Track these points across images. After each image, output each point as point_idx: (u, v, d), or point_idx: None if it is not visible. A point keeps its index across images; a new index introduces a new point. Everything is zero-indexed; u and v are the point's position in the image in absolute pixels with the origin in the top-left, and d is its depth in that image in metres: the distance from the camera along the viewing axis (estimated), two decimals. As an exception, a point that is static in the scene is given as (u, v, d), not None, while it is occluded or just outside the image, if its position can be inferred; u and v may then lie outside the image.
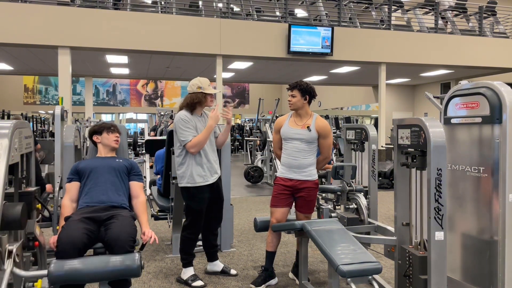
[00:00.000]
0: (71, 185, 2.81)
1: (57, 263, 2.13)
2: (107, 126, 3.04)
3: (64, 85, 8.31)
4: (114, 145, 3.02)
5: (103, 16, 8.33)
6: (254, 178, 8.65)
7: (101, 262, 2.22)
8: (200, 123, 3.25)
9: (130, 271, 2.20)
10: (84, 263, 2.19)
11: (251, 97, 23.92)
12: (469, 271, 2.52)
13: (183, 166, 3.21)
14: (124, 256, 2.26)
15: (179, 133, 3.15)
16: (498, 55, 10.87)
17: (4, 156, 1.69)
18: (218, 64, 9.24)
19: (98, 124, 3.12)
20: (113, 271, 2.18)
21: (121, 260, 2.21)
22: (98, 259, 2.27)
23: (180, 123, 3.14)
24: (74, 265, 2.16)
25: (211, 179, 3.24)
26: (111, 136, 3.01)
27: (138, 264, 2.21)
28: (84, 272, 2.15)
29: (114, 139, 3.02)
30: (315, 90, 3.20)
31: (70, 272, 2.12)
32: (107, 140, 3.01)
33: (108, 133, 3.01)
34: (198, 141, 3.12)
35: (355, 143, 3.93)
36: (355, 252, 2.46)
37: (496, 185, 2.30)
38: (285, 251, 4.15)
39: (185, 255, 3.31)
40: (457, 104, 2.57)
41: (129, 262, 2.20)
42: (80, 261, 2.21)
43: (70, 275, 2.12)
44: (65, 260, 2.19)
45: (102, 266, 2.19)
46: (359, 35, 9.90)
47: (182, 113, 3.20)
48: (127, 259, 2.22)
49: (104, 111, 22.32)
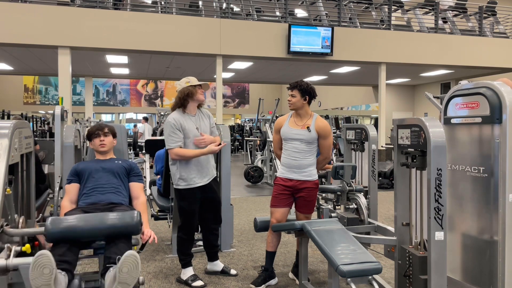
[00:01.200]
0: (71, 187, 2.80)
1: (54, 219, 2.10)
2: (93, 131, 2.99)
3: (64, 85, 8.31)
4: (101, 149, 2.97)
5: (103, 16, 8.33)
6: (254, 178, 8.65)
7: (99, 218, 2.19)
8: (191, 122, 3.21)
9: (128, 227, 2.18)
10: (81, 219, 2.17)
11: (251, 97, 23.91)
12: (469, 271, 2.52)
13: (174, 166, 3.23)
14: (122, 213, 2.24)
15: (165, 138, 3.18)
16: (498, 55, 10.86)
17: (4, 156, 1.69)
18: (218, 64, 9.24)
19: (89, 129, 3.07)
20: (111, 227, 2.15)
21: (119, 217, 2.19)
22: (96, 216, 2.24)
23: (167, 127, 3.16)
24: (71, 221, 2.13)
25: (202, 181, 3.22)
26: (96, 141, 2.97)
27: (137, 220, 2.18)
28: (81, 228, 2.11)
29: (98, 144, 2.96)
30: (315, 90, 3.19)
31: (67, 228, 2.09)
32: (93, 145, 3.00)
33: (93, 138, 2.97)
34: (182, 154, 3.13)
35: (355, 143, 3.93)
36: (355, 252, 2.46)
37: (496, 185, 2.29)
38: (285, 251, 4.15)
39: (182, 255, 3.31)
40: (457, 104, 2.57)
41: (128, 219, 2.18)
42: (77, 217, 2.19)
43: (67, 231, 2.08)
44: (62, 217, 2.17)
45: (100, 222, 2.16)
46: (359, 35, 9.90)
47: (171, 116, 3.20)
48: (126, 215, 2.20)
49: (104, 111, 22.31)
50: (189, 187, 3.19)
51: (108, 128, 3.00)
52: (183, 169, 3.19)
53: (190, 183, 3.19)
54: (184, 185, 3.20)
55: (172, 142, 3.13)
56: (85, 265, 3.67)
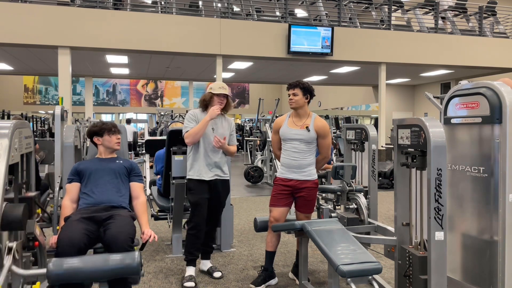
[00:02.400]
0: (71, 186, 2.80)
1: (56, 261, 2.12)
2: (108, 128, 2.94)
3: (64, 85, 8.31)
4: (116, 147, 2.98)
5: (103, 16, 8.33)
6: (254, 178, 8.65)
7: (100, 261, 2.20)
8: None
9: (130, 269, 2.19)
10: (83, 261, 2.18)
11: (251, 97, 23.92)
12: (469, 271, 2.52)
13: (189, 159, 3.41)
14: (123, 254, 2.24)
15: (183, 126, 3.39)
16: (498, 55, 10.86)
17: (4, 156, 1.69)
18: (218, 64, 9.24)
19: (98, 124, 3.01)
20: (113, 269, 2.16)
21: (120, 259, 2.19)
22: (98, 258, 2.25)
23: (186, 117, 3.39)
24: (73, 263, 2.14)
25: (207, 176, 3.32)
26: (113, 138, 2.95)
27: (138, 262, 2.19)
28: (83, 271, 2.13)
29: (116, 141, 2.96)
30: (314, 90, 3.23)
31: (70, 270, 2.11)
32: (108, 142, 2.94)
33: (110, 135, 2.94)
34: (191, 132, 3.28)
35: (355, 143, 3.93)
36: (355, 252, 2.46)
37: (496, 185, 2.29)
38: (285, 251, 4.15)
39: (186, 252, 3.35)
40: (457, 104, 2.57)
41: (129, 261, 2.19)
42: (79, 259, 2.19)
43: (69, 273, 2.10)
44: (64, 259, 2.18)
45: (102, 264, 2.17)
46: (359, 35, 9.90)
47: (191, 110, 3.45)
48: (127, 257, 2.21)
49: (104, 111, 22.31)
50: (196, 178, 3.32)
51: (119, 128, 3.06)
52: (195, 161, 3.35)
53: (198, 175, 3.32)
54: (192, 175, 3.34)
55: (185, 128, 3.33)
56: None
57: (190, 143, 3.33)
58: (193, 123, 3.31)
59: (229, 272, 3.56)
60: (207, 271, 3.49)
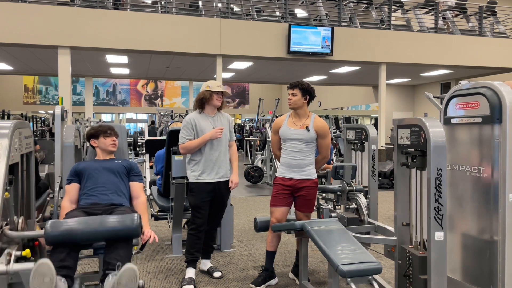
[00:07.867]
0: (71, 187, 2.80)
1: (53, 222, 2.09)
2: (104, 130, 3.00)
3: (64, 85, 8.31)
4: (111, 149, 3.01)
5: (103, 16, 8.33)
6: (254, 178, 8.65)
7: (99, 222, 2.17)
8: (208, 122, 3.33)
9: (128, 230, 2.16)
10: (81, 222, 2.15)
11: (251, 97, 23.92)
12: (469, 271, 2.52)
13: (189, 160, 3.39)
14: (123, 215, 2.23)
15: (180, 134, 3.34)
16: (498, 55, 10.86)
17: (4, 156, 1.69)
18: (218, 64, 9.24)
19: (95, 127, 3.07)
20: (111, 230, 2.13)
21: (120, 220, 2.17)
22: (96, 219, 2.22)
23: (183, 126, 3.34)
24: (71, 224, 2.11)
25: (209, 178, 3.30)
26: (108, 140, 2.99)
27: (137, 223, 2.16)
28: (81, 231, 2.10)
29: (110, 143, 3.00)
30: (314, 91, 3.23)
31: (67, 231, 2.07)
32: (104, 144, 2.99)
33: (105, 137, 2.99)
34: (188, 146, 3.29)
35: (355, 143, 3.93)
36: (355, 252, 2.46)
37: (496, 185, 2.29)
38: (285, 251, 4.15)
39: (186, 252, 3.35)
40: (457, 104, 2.57)
41: (128, 222, 2.16)
42: (77, 220, 2.17)
43: (66, 234, 2.07)
44: (62, 220, 2.16)
45: (100, 225, 2.14)
46: (359, 35, 9.90)
47: (188, 116, 3.39)
48: (126, 218, 2.19)
49: (104, 111, 22.32)
50: (197, 181, 3.30)
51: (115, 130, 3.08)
52: (197, 162, 3.32)
53: (198, 178, 3.30)
54: (193, 178, 3.32)
55: (181, 138, 3.30)
56: (85, 265, 3.67)
57: (184, 154, 3.37)
58: (189, 131, 3.27)
59: (229, 272, 3.56)
60: (207, 271, 3.49)
